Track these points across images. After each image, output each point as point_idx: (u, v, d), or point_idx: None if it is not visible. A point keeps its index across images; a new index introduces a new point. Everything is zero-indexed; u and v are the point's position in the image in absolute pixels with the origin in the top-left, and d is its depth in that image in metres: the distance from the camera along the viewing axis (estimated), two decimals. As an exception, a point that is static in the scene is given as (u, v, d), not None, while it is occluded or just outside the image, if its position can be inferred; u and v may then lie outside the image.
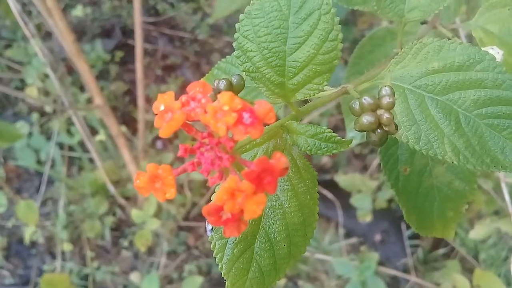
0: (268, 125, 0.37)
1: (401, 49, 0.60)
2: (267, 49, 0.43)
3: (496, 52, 0.59)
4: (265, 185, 0.33)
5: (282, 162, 0.33)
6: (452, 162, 0.46)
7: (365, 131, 0.41)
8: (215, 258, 0.45)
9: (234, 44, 0.44)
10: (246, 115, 0.32)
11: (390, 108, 0.40)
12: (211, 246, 0.45)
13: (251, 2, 0.43)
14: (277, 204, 0.45)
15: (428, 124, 0.47)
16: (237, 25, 0.43)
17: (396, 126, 0.41)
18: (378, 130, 0.41)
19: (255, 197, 0.32)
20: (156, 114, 0.34)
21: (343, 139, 0.41)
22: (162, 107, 0.34)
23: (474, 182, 0.64)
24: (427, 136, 0.47)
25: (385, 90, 0.41)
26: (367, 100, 0.40)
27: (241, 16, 0.43)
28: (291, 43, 0.42)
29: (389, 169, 0.61)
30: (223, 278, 0.45)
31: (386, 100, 0.40)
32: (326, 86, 0.53)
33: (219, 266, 0.45)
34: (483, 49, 0.61)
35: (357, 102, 0.41)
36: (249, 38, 0.43)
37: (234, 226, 0.33)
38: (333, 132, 0.42)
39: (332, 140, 0.42)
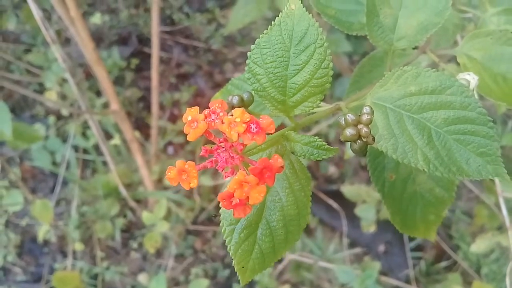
0: (270, 134, 0.50)
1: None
2: (272, 73, 0.55)
3: (472, 78, 0.71)
4: (265, 178, 0.45)
5: (279, 162, 0.45)
6: (423, 170, 0.58)
7: (348, 141, 0.53)
8: (225, 240, 0.57)
9: (245, 68, 0.56)
10: (253, 126, 0.45)
11: (368, 123, 0.52)
12: (222, 231, 0.57)
13: (260, 35, 0.55)
14: (277, 198, 0.57)
15: (404, 138, 0.59)
16: (248, 53, 0.56)
17: (373, 138, 0.53)
18: (359, 141, 0.53)
19: (258, 187, 0.44)
20: (185, 123, 0.47)
21: (331, 147, 0.53)
22: (189, 118, 0.47)
23: (452, 190, 0.76)
24: (403, 147, 0.59)
25: (366, 109, 0.53)
26: (350, 116, 0.52)
27: (252, 47, 0.55)
28: (291, 69, 0.55)
29: (377, 176, 0.73)
30: (231, 257, 0.57)
31: (365, 117, 0.52)
32: (322, 103, 0.65)
33: (228, 248, 0.57)
34: (460, 74, 0.73)
35: (343, 118, 0.53)
36: (258, 64, 0.55)
37: (241, 209, 0.46)
38: (325, 141, 0.54)
39: (322, 148, 0.54)
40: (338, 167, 2.13)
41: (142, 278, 1.93)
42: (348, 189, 1.93)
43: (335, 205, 1.99)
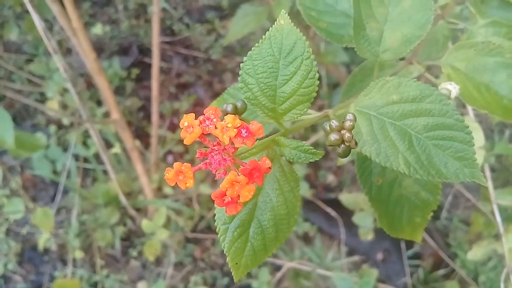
0: (260, 139, 0.55)
1: (376, 82, 0.77)
2: (263, 83, 0.61)
3: (453, 87, 0.76)
4: (255, 178, 0.51)
5: (267, 163, 0.51)
6: (404, 172, 0.63)
7: (333, 145, 0.59)
8: (220, 238, 0.62)
9: (239, 78, 0.62)
10: (243, 131, 0.50)
11: (350, 129, 0.57)
12: (217, 230, 0.62)
13: (252, 48, 0.61)
14: (267, 199, 0.63)
15: (387, 143, 0.64)
16: (241, 65, 0.61)
17: (356, 143, 0.58)
18: (342, 145, 0.58)
19: (248, 186, 0.50)
20: (182, 129, 0.52)
21: (317, 151, 0.59)
22: (186, 123, 0.52)
23: (437, 193, 0.81)
24: (386, 152, 0.64)
25: (349, 116, 0.59)
26: (334, 123, 0.58)
27: (244, 58, 0.61)
28: (280, 79, 0.61)
29: (364, 180, 0.78)
30: (225, 254, 0.62)
31: (348, 123, 0.58)
32: (310, 110, 0.71)
33: (222, 245, 0.62)
34: (442, 84, 0.79)
35: (328, 124, 0.59)
36: (250, 75, 0.61)
37: (233, 207, 0.51)
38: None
39: (309, 152, 0.59)
40: (336, 176, 2.18)
41: (141, 286, 1.98)
42: (346, 197, 1.98)
43: (333, 213, 2.04)
